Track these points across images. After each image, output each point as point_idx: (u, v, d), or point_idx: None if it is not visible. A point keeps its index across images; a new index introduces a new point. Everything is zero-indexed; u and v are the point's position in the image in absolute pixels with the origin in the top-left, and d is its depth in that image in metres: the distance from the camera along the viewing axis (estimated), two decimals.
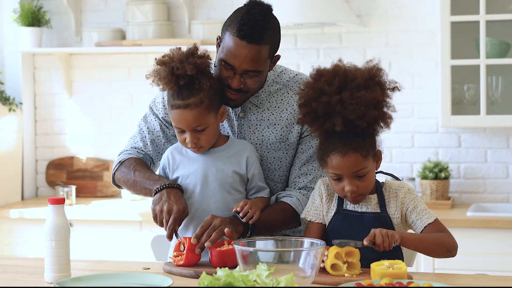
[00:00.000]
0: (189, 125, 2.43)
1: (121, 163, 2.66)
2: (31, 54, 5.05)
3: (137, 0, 4.85)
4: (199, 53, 2.45)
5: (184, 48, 2.46)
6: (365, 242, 2.22)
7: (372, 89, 2.29)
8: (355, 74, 2.31)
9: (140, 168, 2.59)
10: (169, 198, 2.42)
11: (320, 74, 2.35)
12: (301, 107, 2.36)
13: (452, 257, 2.36)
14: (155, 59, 2.45)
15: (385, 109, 2.33)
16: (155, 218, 2.42)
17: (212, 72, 2.51)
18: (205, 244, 2.32)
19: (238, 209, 2.41)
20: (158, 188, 2.46)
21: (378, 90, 2.30)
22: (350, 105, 2.26)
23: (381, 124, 2.34)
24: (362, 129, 2.29)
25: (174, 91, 2.43)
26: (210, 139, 2.48)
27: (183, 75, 2.40)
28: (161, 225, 2.41)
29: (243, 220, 2.40)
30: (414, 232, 2.40)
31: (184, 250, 2.37)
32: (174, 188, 2.47)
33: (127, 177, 2.61)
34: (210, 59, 2.47)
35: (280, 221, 2.53)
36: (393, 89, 2.35)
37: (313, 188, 2.58)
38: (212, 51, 2.80)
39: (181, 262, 2.36)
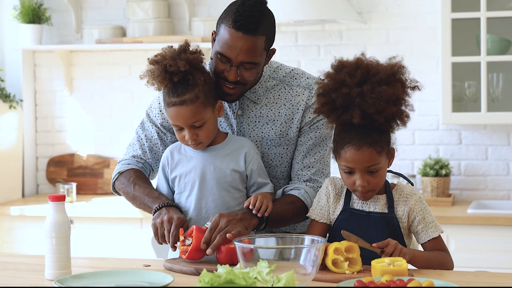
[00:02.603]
0: (186, 122, 2.43)
1: (120, 173, 2.66)
2: (32, 51, 5.04)
3: None
4: (191, 49, 2.45)
5: (176, 46, 2.46)
6: (375, 245, 2.23)
7: (393, 85, 2.27)
8: (377, 68, 2.29)
9: (140, 182, 2.59)
10: (168, 211, 2.43)
11: (342, 65, 2.32)
12: (320, 97, 2.33)
13: None
14: (148, 58, 2.45)
15: (403, 107, 2.31)
16: (156, 233, 2.41)
17: (206, 67, 2.51)
18: (206, 252, 2.31)
19: (250, 206, 2.40)
20: (157, 207, 2.47)
21: (399, 87, 2.28)
22: (370, 99, 2.24)
23: (398, 122, 2.32)
24: (379, 124, 2.28)
25: (169, 89, 2.43)
26: (209, 134, 2.48)
27: (177, 72, 2.39)
28: (163, 239, 2.39)
29: (258, 214, 2.40)
30: (418, 240, 2.41)
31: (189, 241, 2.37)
32: (172, 206, 2.48)
33: (126, 189, 2.62)
34: (203, 54, 2.47)
35: (291, 213, 2.52)
36: (413, 88, 2.33)
37: (318, 180, 2.59)
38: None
39: (184, 256, 2.35)
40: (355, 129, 2.27)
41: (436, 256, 2.34)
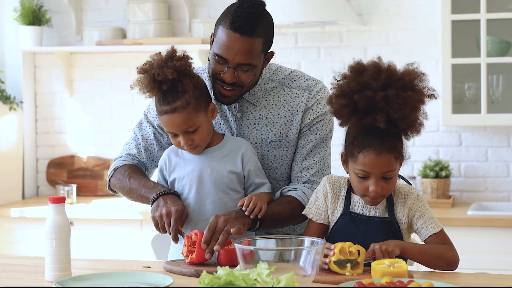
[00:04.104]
0: (179, 128, 2.43)
1: (116, 169, 2.67)
2: (32, 53, 5.05)
3: None
4: (178, 55, 2.44)
5: (164, 53, 2.45)
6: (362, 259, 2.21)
7: (417, 91, 2.24)
8: (401, 73, 2.26)
9: (135, 175, 2.60)
10: (166, 203, 2.43)
11: (363, 68, 2.28)
12: (340, 98, 2.27)
13: (452, 270, 2.34)
14: (137, 68, 2.46)
15: (419, 114, 2.28)
16: (156, 225, 2.42)
17: (195, 71, 2.52)
18: (214, 248, 2.31)
19: (244, 208, 2.40)
20: (154, 197, 2.47)
21: (422, 94, 2.26)
22: (395, 104, 2.20)
23: (415, 129, 2.28)
24: (399, 130, 2.25)
25: (159, 97, 2.43)
26: (204, 138, 2.48)
27: (165, 80, 2.39)
28: (164, 231, 2.41)
29: (251, 216, 2.40)
30: (418, 238, 2.38)
31: (188, 245, 2.37)
32: (170, 194, 2.47)
33: (122, 184, 2.62)
34: (191, 59, 2.46)
35: (287, 214, 2.51)
36: (430, 96, 2.30)
37: (317, 181, 2.58)
38: None
39: (188, 260, 2.36)
40: (375, 133, 2.24)
41: (432, 249, 2.30)
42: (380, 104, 2.21)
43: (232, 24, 2.41)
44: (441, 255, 2.30)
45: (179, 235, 2.40)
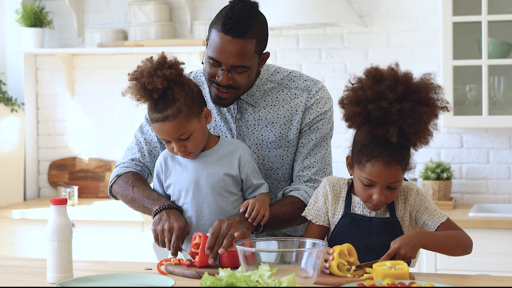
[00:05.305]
0: (172, 136, 2.42)
1: (118, 176, 2.65)
2: (33, 54, 5.05)
3: (139, 0, 4.85)
4: (169, 61, 2.42)
5: (156, 58, 2.43)
6: (384, 258, 2.20)
7: (432, 107, 2.22)
8: (418, 86, 2.22)
9: (139, 185, 2.59)
10: (169, 218, 2.43)
11: (381, 76, 2.24)
12: (354, 105, 2.25)
13: (468, 254, 2.35)
14: (128, 74, 2.44)
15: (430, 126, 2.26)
16: (156, 238, 2.42)
17: (195, 74, 2.52)
18: (219, 251, 2.31)
19: (246, 215, 2.40)
20: (157, 209, 2.46)
21: (437, 109, 2.24)
22: (409, 118, 2.18)
23: (423, 140, 2.28)
24: (410, 143, 2.24)
25: (151, 105, 2.43)
26: (198, 144, 2.46)
27: (155, 89, 2.38)
28: (163, 245, 2.40)
29: (254, 223, 2.39)
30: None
31: (191, 247, 2.37)
32: (173, 208, 2.47)
33: (125, 192, 2.61)
34: (182, 64, 2.44)
35: (291, 214, 2.51)
36: (442, 108, 2.27)
37: (318, 180, 2.58)
38: None
39: (188, 263, 2.36)
40: (385, 144, 2.22)
41: (450, 237, 2.29)
42: (394, 116, 2.19)
43: (223, 27, 2.41)
44: (458, 241, 2.31)
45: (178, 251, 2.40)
